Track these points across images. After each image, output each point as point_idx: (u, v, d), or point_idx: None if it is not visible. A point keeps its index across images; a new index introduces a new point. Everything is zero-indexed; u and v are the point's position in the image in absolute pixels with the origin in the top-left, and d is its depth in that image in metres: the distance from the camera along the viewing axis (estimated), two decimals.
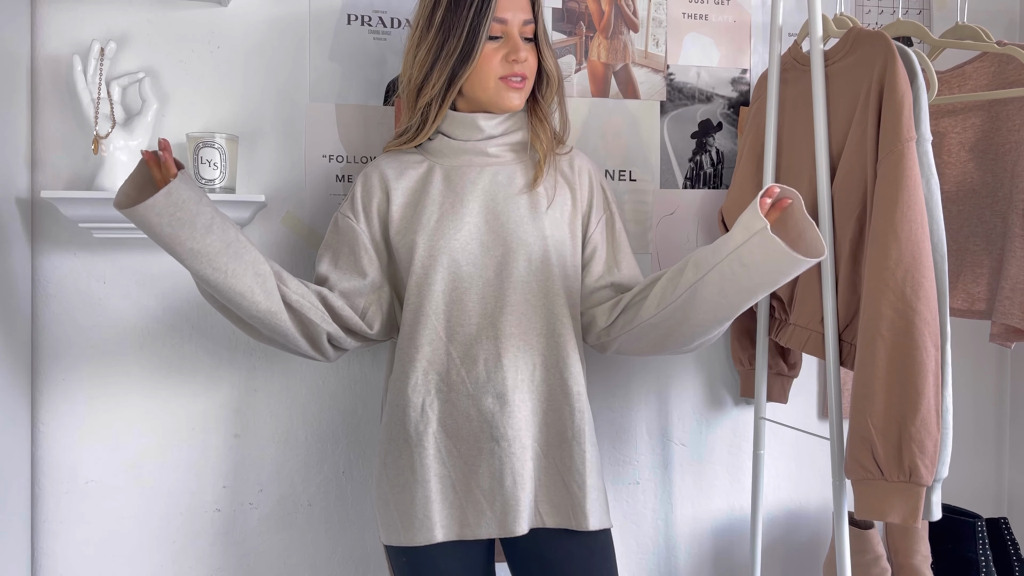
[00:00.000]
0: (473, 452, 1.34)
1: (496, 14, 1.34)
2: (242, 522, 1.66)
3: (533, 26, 1.38)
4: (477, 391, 1.34)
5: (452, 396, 1.35)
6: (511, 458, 1.33)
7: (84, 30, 1.54)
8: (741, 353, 1.82)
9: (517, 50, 1.36)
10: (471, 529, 1.34)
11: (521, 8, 1.37)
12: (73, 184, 1.54)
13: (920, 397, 1.32)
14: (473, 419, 1.34)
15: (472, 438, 1.34)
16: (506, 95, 1.38)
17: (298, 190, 1.65)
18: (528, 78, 1.39)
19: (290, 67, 1.64)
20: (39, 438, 1.57)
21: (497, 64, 1.36)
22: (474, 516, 1.34)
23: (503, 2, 1.34)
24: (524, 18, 1.37)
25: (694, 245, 1.85)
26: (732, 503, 1.93)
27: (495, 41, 1.36)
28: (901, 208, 1.34)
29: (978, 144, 1.70)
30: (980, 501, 2.06)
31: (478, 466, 1.34)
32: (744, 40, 1.87)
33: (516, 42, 1.36)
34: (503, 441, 1.33)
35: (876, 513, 1.37)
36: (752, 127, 1.73)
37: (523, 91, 1.39)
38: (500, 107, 1.39)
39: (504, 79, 1.37)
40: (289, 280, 1.31)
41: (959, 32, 1.64)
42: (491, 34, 1.35)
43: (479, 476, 1.34)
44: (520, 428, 1.34)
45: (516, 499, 1.33)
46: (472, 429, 1.34)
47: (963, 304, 1.72)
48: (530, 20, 1.38)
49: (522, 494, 1.33)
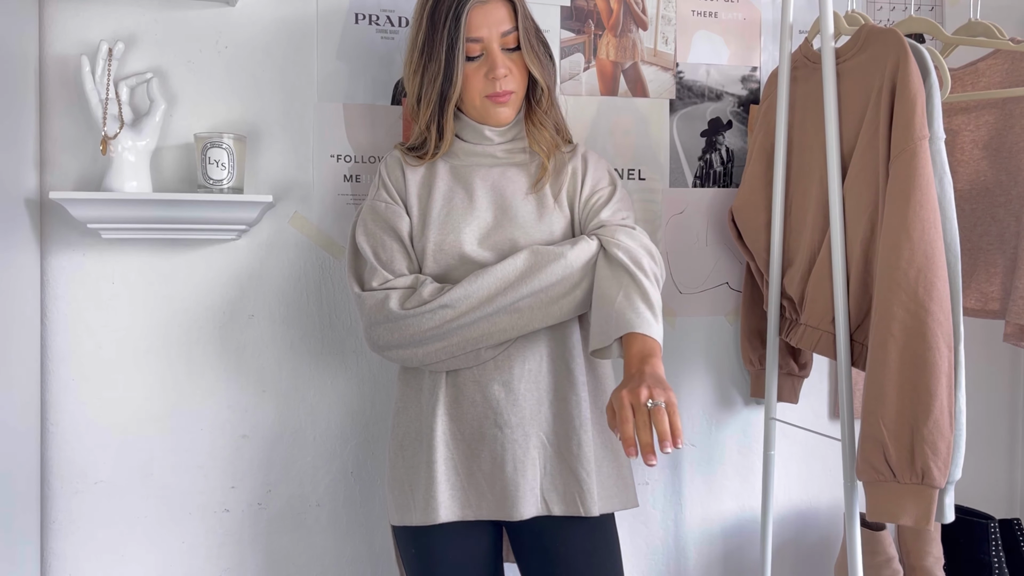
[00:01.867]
0: (476, 437, 1.36)
1: (469, 34, 1.32)
2: (251, 523, 1.66)
3: (515, 35, 1.35)
4: (484, 378, 1.36)
5: (459, 382, 1.37)
6: (513, 445, 1.34)
7: (92, 31, 1.54)
8: (752, 353, 1.81)
9: (495, 67, 1.33)
10: (472, 510, 1.36)
11: (498, 20, 1.33)
12: (81, 185, 1.54)
13: (933, 398, 1.31)
14: (478, 405, 1.36)
15: (476, 423, 1.36)
16: (494, 112, 1.38)
17: (306, 190, 1.65)
18: (515, 91, 1.38)
19: (298, 67, 1.64)
20: (48, 438, 1.57)
21: (480, 83, 1.35)
22: (475, 497, 1.36)
23: (475, 20, 1.32)
24: (502, 30, 1.34)
25: (704, 244, 1.84)
26: (742, 504, 1.92)
27: (475, 60, 1.35)
28: (913, 207, 1.33)
29: (991, 142, 1.68)
30: (993, 502, 2.05)
31: (480, 450, 1.36)
32: (754, 37, 1.86)
33: (494, 59, 1.34)
34: (506, 428, 1.35)
35: (888, 515, 1.36)
36: (762, 125, 1.71)
37: (511, 104, 1.38)
38: (491, 123, 1.40)
39: (489, 97, 1.36)
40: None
41: (972, 29, 1.63)
42: (469, 54, 1.33)
43: (480, 460, 1.36)
44: (524, 417, 1.35)
45: (516, 484, 1.34)
46: (476, 415, 1.36)
47: (976, 304, 1.71)
48: (510, 30, 1.34)
49: (522, 480, 1.34)
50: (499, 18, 1.33)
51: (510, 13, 1.35)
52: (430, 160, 1.42)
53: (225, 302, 1.63)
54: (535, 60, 1.37)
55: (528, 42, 1.36)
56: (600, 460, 1.40)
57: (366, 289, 1.37)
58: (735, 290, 1.88)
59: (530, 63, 1.37)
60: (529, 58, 1.36)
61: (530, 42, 1.37)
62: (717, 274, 1.87)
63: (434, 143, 1.40)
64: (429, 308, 1.31)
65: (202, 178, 1.49)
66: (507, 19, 1.34)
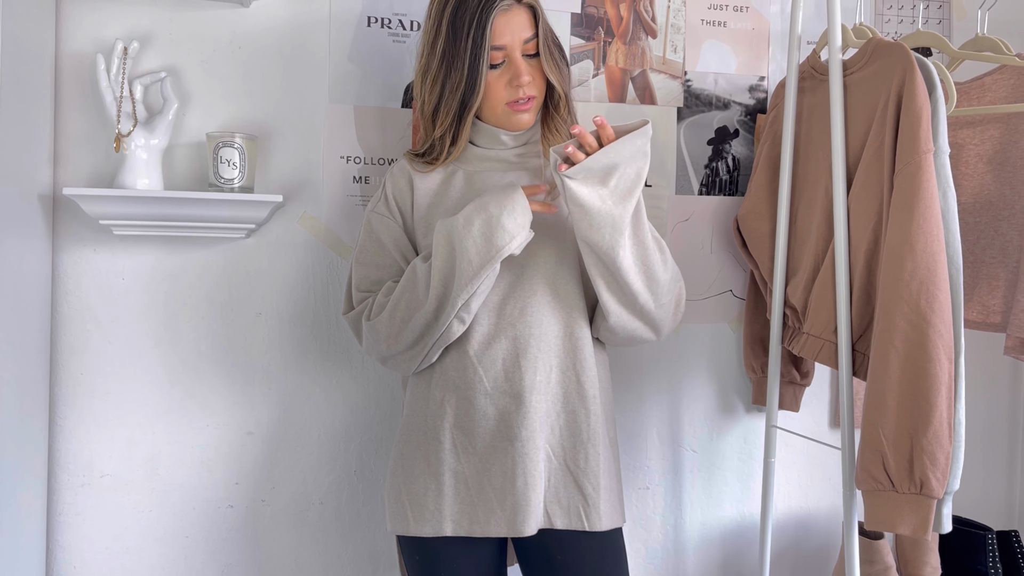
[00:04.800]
0: (488, 450, 1.35)
1: (494, 42, 1.32)
2: (254, 519, 1.68)
3: (535, 41, 1.35)
4: (495, 390, 1.35)
5: (469, 394, 1.35)
6: (524, 459, 1.33)
7: (108, 29, 1.56)
8: (754, 361, 1.83)
9: (519, 75, 1.33)
10: (481, 526, 1.35)
11: (520, 27, 1.33)
12: (94, 181, 1.56)
13: (932, 409, 1.32)
14: (490, 418, 1.35)
15: (488, 436, 1.35)
16: (515, 118, 1.39)
17: (316, 190, 1.66)
18: (536, 96, 1.38)
19: (310, 68, 1.65)
20: (56, 431, 1.59)
21: (502, 91, 1.36)
22: (484, 514, 1.35)
23: (499, 27, 1.31)
24: (524, 37, 1.34)
25: (709, 252, 1.86)
26: (742, 510, 1.93)
27: (497, 68, 1.35)
28: (917, 220, 1.34)
29: (996, 156, 1.69)
30: (991, 514, 2.06)
31: (491, 464, 1.35)
32: (762, 48, 1.87)
33: (518, 67, 1.34)
34: (517, 442, 1.34)
35: (886, 524, 1.37)
36: (769, 135, 1.73)
37: (532, 109, 1.39)
38: (511, 128, 1.41)
39: (511, 104, 1.37)
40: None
41: (979, 44, 1.64)
42: (492, 62, 1.34)
43: (491, 475, 1.35)
44: (534, 429, 1.34)
45: (527, 500, 1.34)
46: (488, 428, 1.35)
47: (978, 316, 1.72)
48: (531, 37, 1.34)
49: (532, 495, 1.34)
50: (521, 25, 1.33)
51: (531, 19, 1.35)
52: (442, 165, 1.43)
53: (233, 300, 1.64)
54: (553, 67, 1.37)
55: (547, 48, 1.37)
56: (606, 475, 1.39)
57: (345, 313, 1.46)
58: (739, 298, 1.89)
59: (548, 70, 1.37)
60: (548, 65, 1.36)
61: (549, 48, 1.37)
62: (721, 281, 1.88)
63: (446, 149, 1.41)
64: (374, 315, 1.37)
65: (213, 177, 1.51)
66: (528, 26, 1.34)
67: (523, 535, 1.34)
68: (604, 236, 1.26)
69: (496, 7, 1.30)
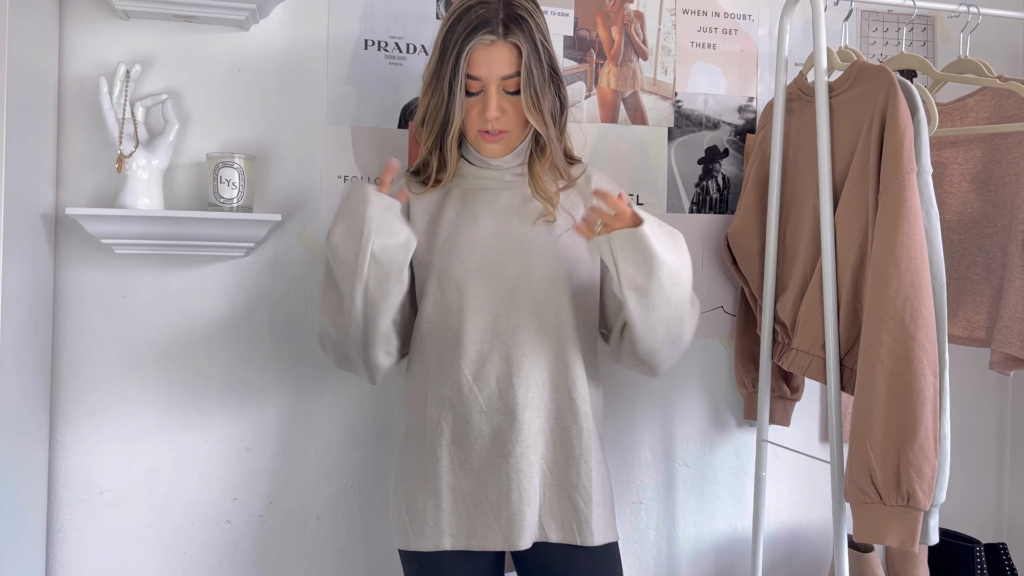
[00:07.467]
0: (484, 467, 1.37)
1: (469, 71, 1.33)
2: (252, 534, 1.69)
3: (516, 80, 1.34)
4: (489, 408, 1.37)
5: (465, 412, 1.38)
6: (518, 475, 1.36)
7: (110, 52, 1.59)
8: (745, 376, 1.85)
9: (487, 108, 1.34)
10: (478, 540, 1.38)
11: (499, 63, 1.33)
12: (96, 201, 1.58)
13: (918, 423, 1.35)
14: (485, 435, 1.37)
15: (483, 453, 1.37)
16: (484, 147, 1.41)
17: (314, 210, 1.69)
18: (509, 131, 1.39)
19: (308, 90, 1.68)
20: (56, 447, 1.60)
21: (475, 118, 1.38)
22: (481, 528, 1.38)
23: (477, 58, 1.33)
24: (502, 73, 1.33)
25: (700, 269, 1.88)
26: (734, 524, 1.95)
27: (475, 96, 1.37)
28: (901, 238, 1.37)
29: (979, 175, 1.73)
30: (979, 527, 2.08)
31: (487, 480, 1.37)
32: (751, 69, 1.91)
33: (488, 100, 1.34)
34: (511, 458, 1.36)
35: (874, 537, 1.39)
36: (758, 155, 1.76)
37: (504, 143, 1.40)
38: (483, 155, 1.43)
39: (481, 132, 1.39)
40: None
41: (961, 66, 1.68)
42: (469, 90, 1.36)
43: (487, 490, 1.37)
44: (528, 446, 1.36)
45: (521, 515, 1.36)
46: (484, 444, 1.37)
47: (963, 332, 1.75)
48: (511, 75, 1.34)
49: (527, 510, 1.36)
50: (501, 60, 1.33)
51: (514, 57, 1.33)
52: (432, 188, 1.45)
53: (232, 317, 1.67)
54: (534, 110, 1.35)
55: (531, 90, 1.34)
56: (599, 490, 1.41)
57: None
58: (729, 314, 1.92)
59: (529, 112, 1.35)
60: (527, 106, 1.34)
61: (533, 90, 1.34)
62: (712, 298, 1.91)
63: (435, 170, 1.43)
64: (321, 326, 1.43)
65: (213, 196, 1.53)
66: (509, 63, 1.33)
67: (518, 548, 1.37)
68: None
69: (476, 38, 1.31)
